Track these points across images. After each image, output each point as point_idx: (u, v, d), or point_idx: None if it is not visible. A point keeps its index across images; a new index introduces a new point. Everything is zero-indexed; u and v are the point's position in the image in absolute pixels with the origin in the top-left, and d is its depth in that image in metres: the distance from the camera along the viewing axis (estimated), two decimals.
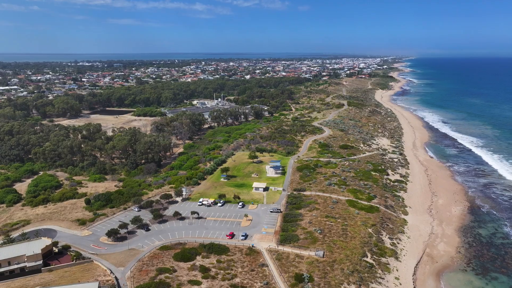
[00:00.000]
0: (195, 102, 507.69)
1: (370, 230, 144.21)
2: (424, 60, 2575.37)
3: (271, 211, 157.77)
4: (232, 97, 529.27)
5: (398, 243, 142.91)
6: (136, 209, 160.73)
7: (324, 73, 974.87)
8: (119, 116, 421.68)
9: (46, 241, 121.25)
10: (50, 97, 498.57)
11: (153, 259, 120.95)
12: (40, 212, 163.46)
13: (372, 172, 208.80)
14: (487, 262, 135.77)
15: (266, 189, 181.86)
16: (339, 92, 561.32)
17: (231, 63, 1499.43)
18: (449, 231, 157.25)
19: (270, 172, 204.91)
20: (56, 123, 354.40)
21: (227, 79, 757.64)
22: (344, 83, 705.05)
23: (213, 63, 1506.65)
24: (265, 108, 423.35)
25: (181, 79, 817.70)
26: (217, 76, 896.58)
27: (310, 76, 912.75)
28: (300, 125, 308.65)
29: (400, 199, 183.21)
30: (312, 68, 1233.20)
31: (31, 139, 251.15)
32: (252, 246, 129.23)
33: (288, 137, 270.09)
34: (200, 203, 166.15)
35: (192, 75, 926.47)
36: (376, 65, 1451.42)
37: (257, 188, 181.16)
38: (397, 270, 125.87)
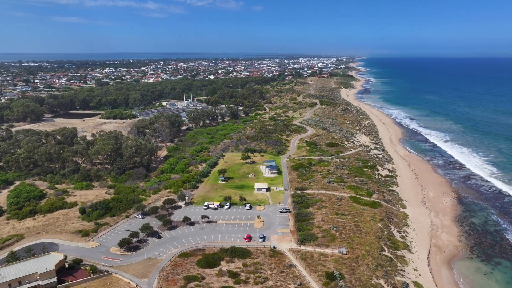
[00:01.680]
0: (164, 103, 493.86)
1: (379, 224, 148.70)
2: (375, 60, 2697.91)
3: (280, 211, 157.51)
4: (202, 98, 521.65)
5: (406, 236, 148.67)
6: (140, 216, 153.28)
7: (287, 73, 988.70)
8: (86, 119, 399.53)
9: (57, 256, 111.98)
10: (3, 100, 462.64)
11: (176, 268, 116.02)
12: (31, 225, 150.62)
13: (364, 169, 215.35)
14: (488, 248, 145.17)
15: (268, 189, 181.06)
16: (308, 91, 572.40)
17: (190, 63, 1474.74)
18: (447, 222, 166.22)
19: (266, 172, 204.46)
20: (17, 128, 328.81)
21: (192, 80, 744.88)
22: (310, 82, 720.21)
23: (172, 63, 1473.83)
24: (240, 108, 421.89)
25: (142, 80, 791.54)
26: (179, 76, 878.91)
27: (273, 75, 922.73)
28: (283, 124, 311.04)
29: (396, 193, 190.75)
30: (273, 68, 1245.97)
31: (1, 146, 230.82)
32: (274, 247, 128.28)
33: (274, 137, 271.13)
34: (206, 207, 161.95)
35: (154, 76, 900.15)
36: (333, 65, 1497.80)
37: (259, 189, 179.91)
38: (413, 262, 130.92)
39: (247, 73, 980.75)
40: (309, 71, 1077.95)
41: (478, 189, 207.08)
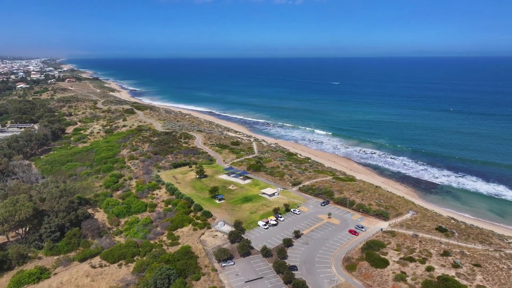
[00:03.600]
0: None
1: (382, 190, 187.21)
2: (86, 61, 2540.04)
3: (323, 205, 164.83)
4: None
5: (393, 192, 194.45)
6: (231, 263, 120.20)
7: (11, 79, 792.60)
8: None
9: None
10: None
11: (371, 279, 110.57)
12: None
13: (293, 156, 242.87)
14: (422, 186, 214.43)
15: (278, 193, 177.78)
16: (91, 97, 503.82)
17: None
18: (382, 178, 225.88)
19: (241, 180, 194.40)
20: None
21: None
22: (71, 88, 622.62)
23: None
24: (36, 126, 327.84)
25: None
26: None
27: None
28: (164, 133, 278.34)
29: (335, 169, 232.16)
30: None
31: None
32: (382, 229, 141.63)
33: (183, 147, 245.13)
34: (266, 226, 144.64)
35: None
36: (52, 68, 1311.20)
37: (271, 195, 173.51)
38: (414, 204, 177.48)
39: None
40: (35, 77, 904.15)
41: (352, 153, 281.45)
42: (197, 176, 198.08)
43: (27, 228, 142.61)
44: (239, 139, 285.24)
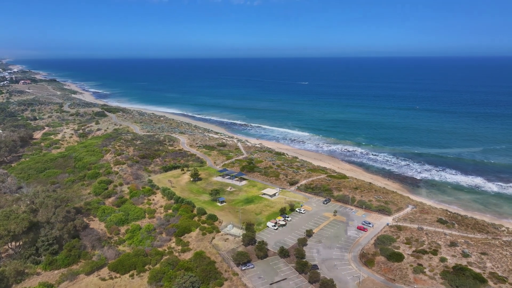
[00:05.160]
0: None
1: (375, 186, 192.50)
2: (38, 62, 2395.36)
3: (325, 203, 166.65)
4: None
5: (386, 187, 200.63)
6: (251, 266, 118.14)
7: None
8: None
9: None
10: None
11: (391, 271, 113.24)
12: None
13: (282, 156, 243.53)
14: (409, 182, 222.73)
15: (278, 193, 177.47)
16: (54, 100, 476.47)
17: None
18: (370, 174, 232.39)
19: (238, 182, 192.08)
20: None
21: None
22: (28, 90, 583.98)
23: None
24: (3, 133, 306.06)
25: None
26: None
27: None
28: (146, 136, 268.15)
29: (324, 167, 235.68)
30: None
31: None
32: (388, 224, 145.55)
33: (170, 150, 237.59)
34: (275, 226, 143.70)
35: None
36: (0, 69, 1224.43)
37: (272, 195, 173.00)
38: (412, 199, 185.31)
39: None
40: None
41: (336, 151, 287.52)
42: (192, 179, 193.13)
43: (21, 242, 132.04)
44: (223, 141, 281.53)
